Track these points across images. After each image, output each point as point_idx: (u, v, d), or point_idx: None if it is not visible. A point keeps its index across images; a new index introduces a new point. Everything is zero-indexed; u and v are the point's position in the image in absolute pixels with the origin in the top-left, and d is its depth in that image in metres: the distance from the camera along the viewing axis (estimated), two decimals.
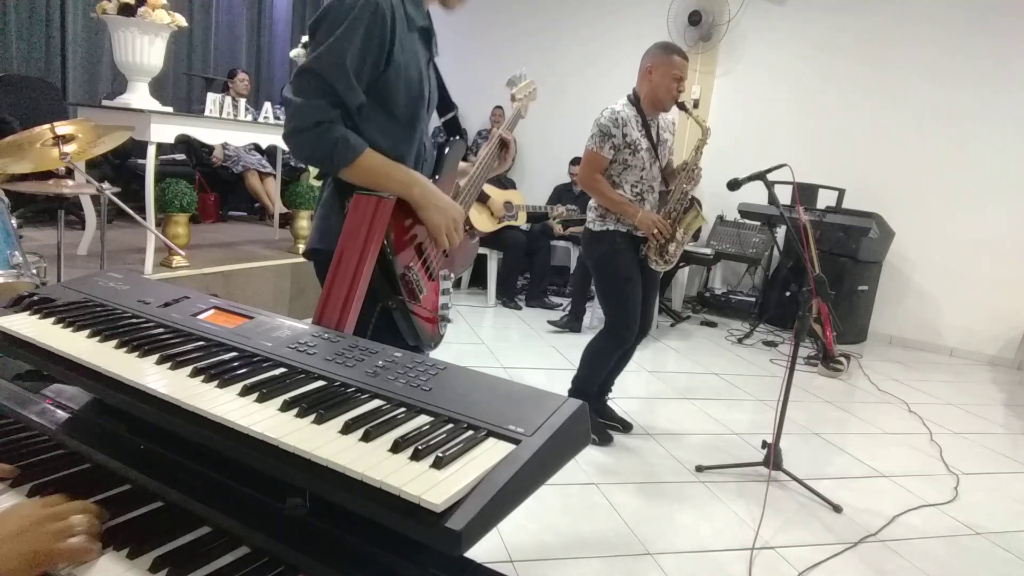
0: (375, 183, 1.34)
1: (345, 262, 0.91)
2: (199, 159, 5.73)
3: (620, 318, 2.96)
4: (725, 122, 6.18)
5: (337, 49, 1.28)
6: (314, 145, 1.31)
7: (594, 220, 2.98)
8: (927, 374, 4.93)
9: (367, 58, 1.31)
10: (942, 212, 5.51)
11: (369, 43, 1.30)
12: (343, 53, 1.28)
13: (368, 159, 1.33)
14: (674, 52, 2.85)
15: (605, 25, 6.66)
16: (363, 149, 1.33)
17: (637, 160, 2.87)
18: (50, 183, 2.81)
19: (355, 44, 1.29)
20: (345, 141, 1.31)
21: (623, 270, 2.92)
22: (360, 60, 1.30)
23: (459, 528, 0.54)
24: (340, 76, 1.29)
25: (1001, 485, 3.08)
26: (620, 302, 2.95)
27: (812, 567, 2.23)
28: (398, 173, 1.35)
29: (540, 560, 2.12)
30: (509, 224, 5.56)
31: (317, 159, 1.34)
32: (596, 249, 2.98)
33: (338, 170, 1.34)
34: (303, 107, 1.29)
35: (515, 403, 0.70)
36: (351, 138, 1.32)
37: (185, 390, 0.72)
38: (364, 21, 1.28)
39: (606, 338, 3.01)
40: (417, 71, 1.40)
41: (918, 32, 5.49)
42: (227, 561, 0.68)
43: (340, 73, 1.29)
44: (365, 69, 1.32)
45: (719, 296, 6.11)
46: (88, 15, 4.86)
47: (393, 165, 1.36)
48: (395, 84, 1.37)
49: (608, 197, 2.86)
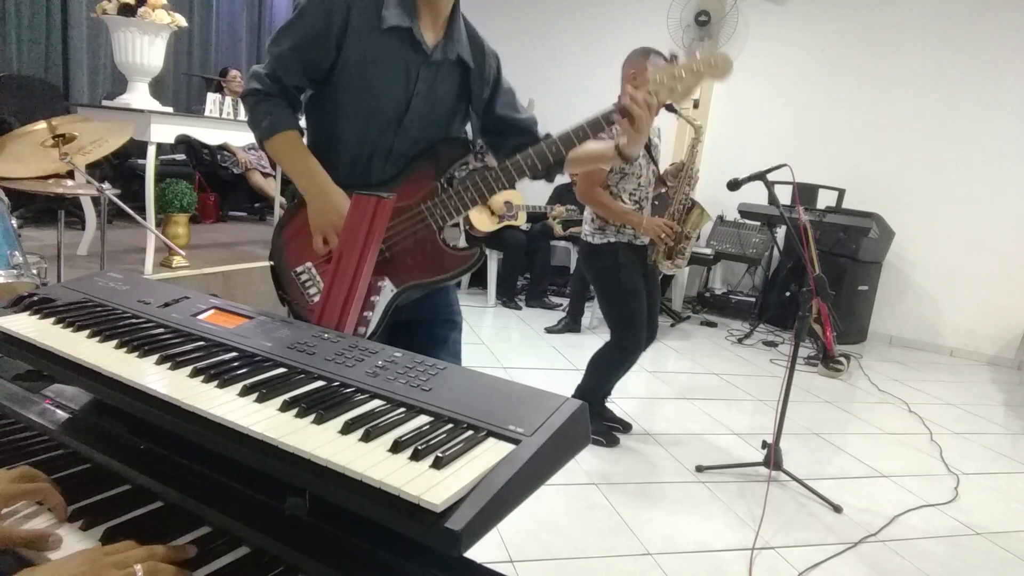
0: (283, 166, 1.47)
1: (345, 262, 0.91)
2: (199, 159, 5.73)
3: (628, 332, 2.91)
4: (725, 122, 6.19)
5: (285, 29, 1.41)
6: (249, 110, 1.44)
7: (592, 233, 2.92)
8: (927, 374, 4.93)
9: (310, 44, 1.39)
10: (942, 212, 5.51)
11: (312, 31, 1.39)
12: (287, 35, 1.40)
13: (282, 140, 1.42)
14: (655, 55, 2.81)
15: (606, 26, 6.66)
16: (282, 129, 1.41)
17: (634, 168, 2.85)
18: (50, 183, 2.81)
19: (298, 29, 1.40)
20: (269, 115, 1.41)
21: (626, 284, 2.87)
22: (304, 41, 1.39)
23: (459, 528, 0.54)
24: (280, 56, 1.40)
25: (1001, 485, 3.08)
26: (626, 317, 2.90)
27: (812, 567, 2.23)
28: (300, 164, 1.42)
29: (540, 560, 2.12)
30: (509, 224, 5.56)
31: (250, 125, 1.45)
32: (597, 263, 2.94)
33: (259, 141, 1.44)
34: (253, 73, 1.43)
35: (515, 403, 0.70)
36: (276, 114, 1.41)
37: (185, 390, 0.72)
38: (311, 9, 1.39)
39: (614, 352, 2.96)
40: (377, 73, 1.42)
41: (918, 32, 5.49)
42: (227, 561, 0.68)
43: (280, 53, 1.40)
44: (310, 54, 1.40)
45: (719, 296, 6.11)
46: (88, 15, 4.87)
47: (302, 156, 1.42)
48: (346, 78, 1.42)
49: (611, 209, 2.83)
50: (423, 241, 1.46)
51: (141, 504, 0.75)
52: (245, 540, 0.70)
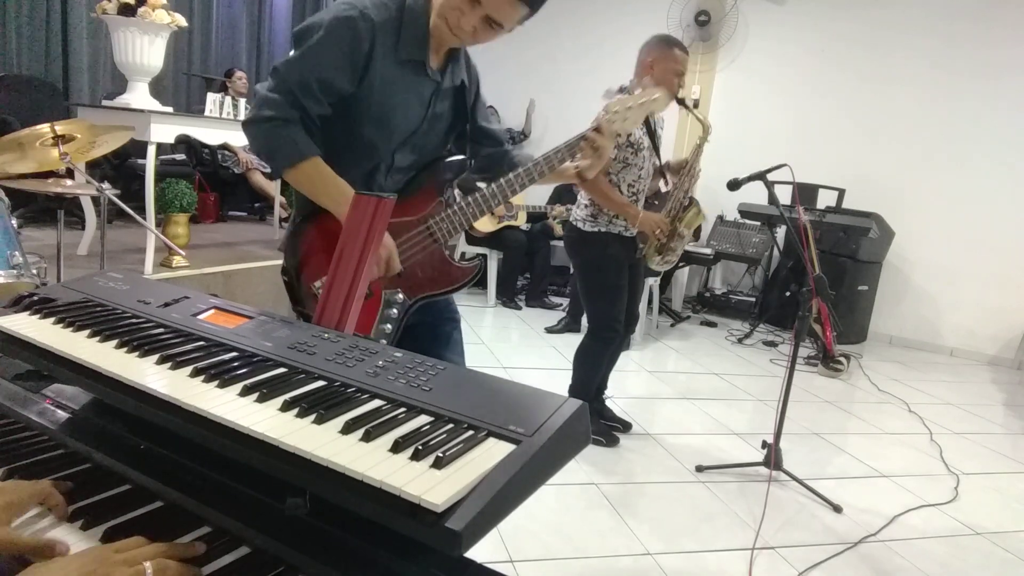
0: (311, 192, 1.39)
1: (345, 262, 0.91)
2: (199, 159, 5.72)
3: (606, 321, 2.92)
4: (725, 122, 6.17)
5: (309, 57, 1.33)
6: (264, 138, 1.35)
7: (584, 220, 2.90)
8: (927, 374, 4.93)
9: (336, 72, 1.35)
10: (942, 212, 5.51)
11: (340, 58, 1.34)
12: (312, 61, 1.33)
13: (311, 166, 1.36)
14: (675, 45, 2.75)
15: (606, 26, 6.66)
16: (309, 155, 1.35)
17: (638, 159, 2.83)
18: (50, 183, 2.81)
19: (326, 56, 1.34)
20: (293, 143, 1.34)
21: (612, 276, 2.88)
22: (330, 72, 1.34)
23: (459, 528, 0.54)
24: (306, 83, 1.33)
25: (1001, 485, 3.08)
26: (605, 308, 2.91)
27: (812, 567, 2.23)
28: (334, 189, 1.37)
29: (540, 560, 2.12)
30: (509, 224, 5.56)
31: (265, 153, 1.38)
32: (585, 251, 2.93)
33: (280, 169, 1.37)
34: (265, 99, 1.33)
35: (515, 403, 0.70)
36: (300, 141, 1.34)
37: (185, 390, 0.72)
38: (338, 36, 1.33)
39: (593, 342, 2.97)
40: (396, 101, 1.43)
41: (918, 32, 5.49)
42: (227, 561, 0.68)
43: (306, 81, 1.33)
44: (335, 84, 1.35)
45: (719, 296, 6.11)
46: (88, 15, 4.86)
47: (334, 180, 1.37)
48: (363, 106, 1.40)
49: (610, 198, 2.80)
50: (432, 255, 1.53)
51: (141, 504, 0.75)
52: (245, 540, 0.70)
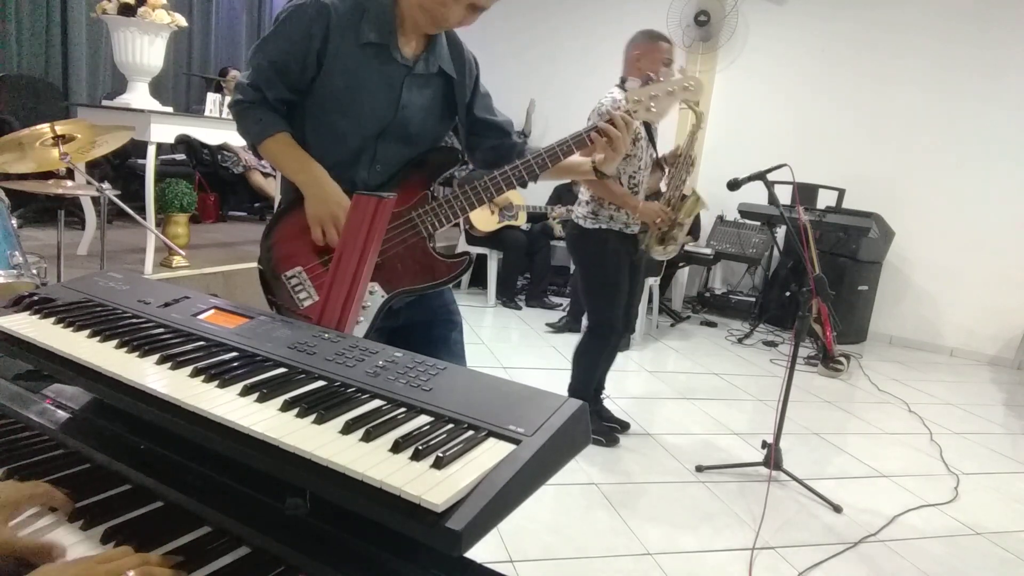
0: (278, 165, 1.50)
1: (345, 262, 0.91)
2: (199, 159, 5.73)
3: (604, 318, 2.94)
4: (725, 122, 6.19)
5: (264, 44, 1.42)
6: (237, 119, 1.47)
7: (585, 217, 2.92)
8: (927, 374, 4.93)
9: (287, 56, 1.40)
10: (942, 212, 5.51)
11: (288, 43, 1.40)
12: (267, 48, 1.42)
13: (274, 142, 1.45)
14: (659, 38, 2.86)
15: (606, 26, 6.66)
16: (273, 132, 1.44)
17: (637, 150, 2.84)
18: (50, 183, 2.81)
19: (279, 42, 1.41)
20: (258, 121, 1.44)
21: (612, 274, 2.89)
22: (280, 56, 1.41)
23: (459, 528, 0.54)
24: (261, 68, 1.41)
25: (1001, 485, 3.08)
26: (604, 305, 2.93)
27: (812, 567, 2.23)
28: (295, 162, 1.44)
29: (540, 560, 2.12)
30: (509, 224, 5.56)
31: (240, 132, 1.48)
32: (585, 248, 2.94)
33: (252, 146, 1.48)
34: (237, 84, 1.45)
35: (515, 403, 0.70)
36: (265, 119, 1.44)
37: (185, 390, 0.72)
38: (289, 22, 1.40)
39: (591, 340, 2.99)
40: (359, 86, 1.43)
41: (918, 32, 5.49)
42: (227, 561, 0.68)
43: (260, 66, 1.41)
44: (289, 68, 1.41)
45: (719, 296, 6.11)
46: (88, 15, 4.86)
47: (296, 154, 1.44)
48: (327, 91, 1.44)
49: (610, 190, 2.80)
50: (413, 248, 1.49)
51: (141, 504, 0.75)
52: (245, 540, 0.70)
